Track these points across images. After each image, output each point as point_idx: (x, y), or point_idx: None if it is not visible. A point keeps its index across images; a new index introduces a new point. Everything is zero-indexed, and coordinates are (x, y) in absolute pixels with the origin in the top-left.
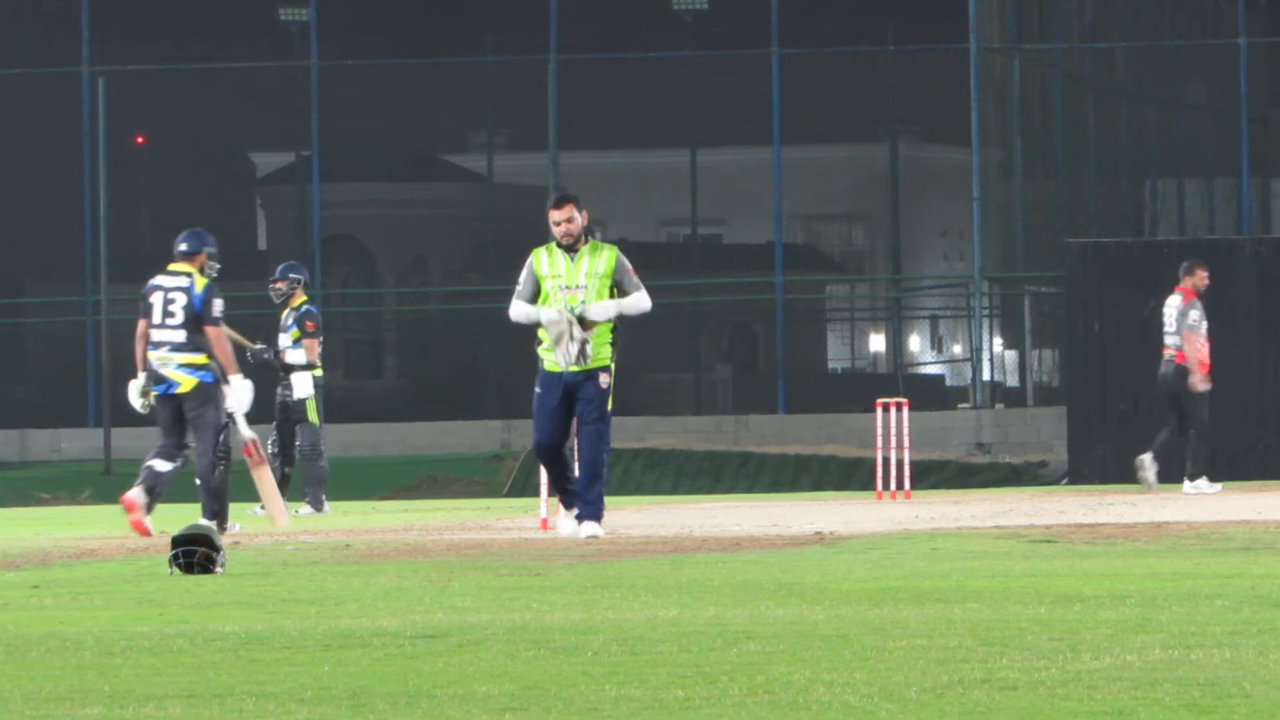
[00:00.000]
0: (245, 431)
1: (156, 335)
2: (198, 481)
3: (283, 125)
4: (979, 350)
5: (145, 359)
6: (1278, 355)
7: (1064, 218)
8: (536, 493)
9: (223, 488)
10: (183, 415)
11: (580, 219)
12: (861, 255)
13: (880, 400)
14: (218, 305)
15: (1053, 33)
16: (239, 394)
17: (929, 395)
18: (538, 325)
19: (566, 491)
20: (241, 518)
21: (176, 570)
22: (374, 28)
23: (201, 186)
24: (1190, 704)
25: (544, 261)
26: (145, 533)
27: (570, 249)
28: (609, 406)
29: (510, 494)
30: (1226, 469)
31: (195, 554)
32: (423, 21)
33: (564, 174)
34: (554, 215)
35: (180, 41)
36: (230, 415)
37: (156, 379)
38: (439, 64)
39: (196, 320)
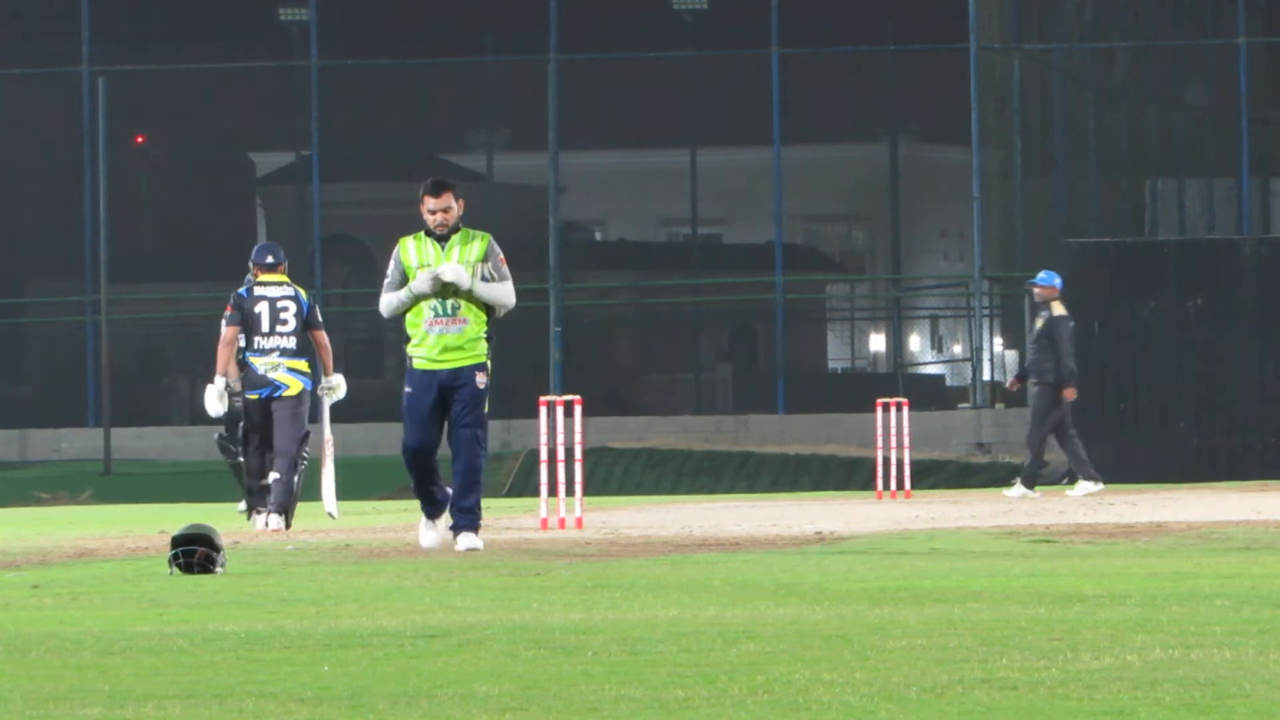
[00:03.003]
0: (328, 431)
1: (265, 342)
2: (275, 476)
3: (283, 125)
4: (979, 350)
5: (228, 365)
6: (1277, 355)
7: (1064, 218)
8: (536, 493)
9: (298, 487)
10: (269, 416)
11: (457, 208)
12: (861, 255)
13: (880, 400)
14: (318, 310)
15: (1053, 33)
16: (341, 390)
17: (929, 395)
18: (408, 309)
19: (433, 501)
20: (235, 516)
21: (176, 570)
22: (374, 28)
23: (201, 186)
24: (1190, 704)
25: (412, 251)
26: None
27: (442, 238)
28: (485, 409)
29: (510, 494)
30: (1226, 469)
31: (195, 554)
32: (423, 21)
33: (564, 174)
34: (430, 203)
35: (180, 41)
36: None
37: (261, 383)
38: (439, 64)
39: (304, 326)
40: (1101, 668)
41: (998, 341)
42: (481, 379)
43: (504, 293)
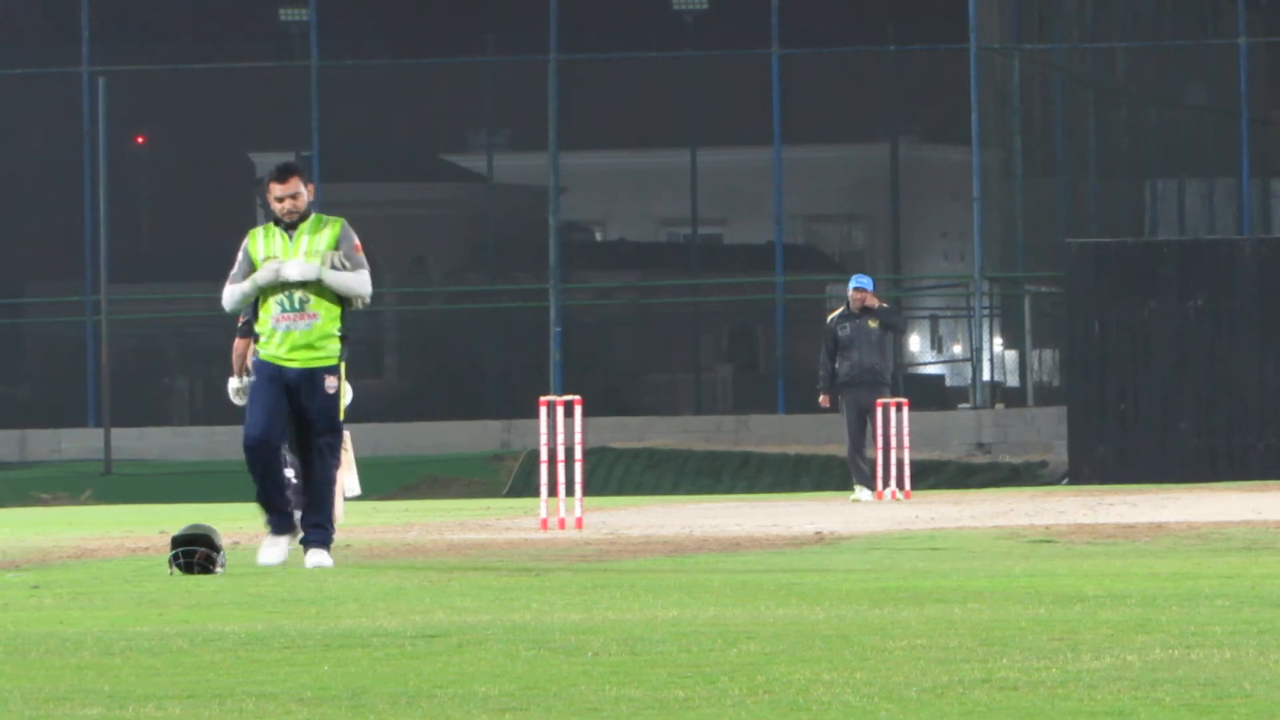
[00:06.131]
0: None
1: None
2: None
3: (283, 125)
4: (979, 350)
5: (243, 366)
6: (1278, 355)
7: (1064, 218)
8: (536, 493)
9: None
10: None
11: (306, 193)
12: (861, 255)
13: (880, 400)
14: None
15: (1053, 33)
16: (348, 392)
17: (929, 395)
18: (250, 302)
19: (279, 512)
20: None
21: (176, 570)
22: (374, 28)
23: (201, 186)
24: (1190, 704)
25: (260, 243)
26: None
27: (290, 227)
28: (341, 416)
29: (510, 494)
30: (1227, 469)
31: (195, 554)
32: (423, 21)
33: (564, 174)
34: (276, 189)
35: (180, 41)
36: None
37: None
38: (439, 64)
39: None
40: (1102, 668)
41: (998, 342)
42: (332, 383)
43: (358, 282)
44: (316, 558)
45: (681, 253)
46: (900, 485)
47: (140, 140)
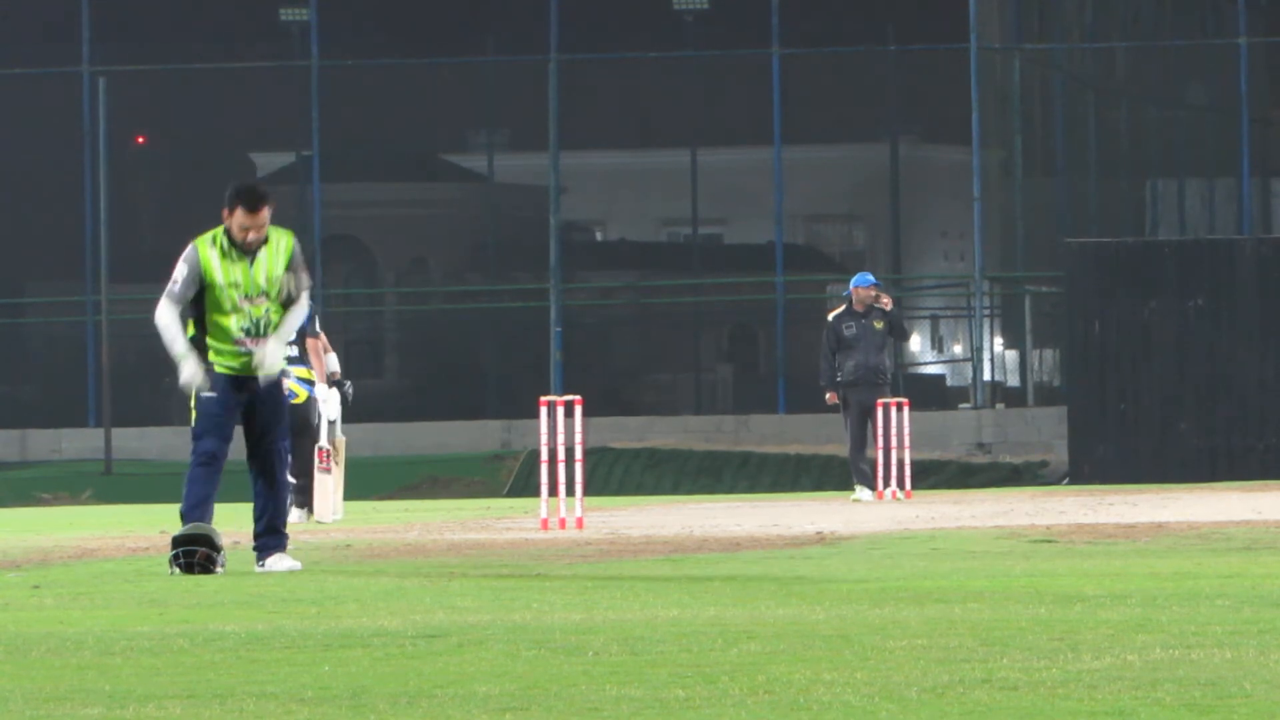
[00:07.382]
0: (324, 439)
1: None
2: (293, 480)
3: (283, 125)
4: (979, 350)
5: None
6: (1278, 355)
7: (1064, 218)
8: (537, 493)
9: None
10: None
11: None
12: (862, 255)
13: (880, 400)
14: (317, 320)
15: (1053, 33)
16: (333, 402)
17: (929, 395)
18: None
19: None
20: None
21: (177, 570)
22: (374, 28)
23: (201, 186)
24: (1191, 704)
25: (215, 263)
26: None
27: (249, 252)
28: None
29: (510, 494)
30: (1227, 469)
31: (195, 554)
32: (423, 21)
33: (564, 174)
34: (244, 219)
35: (180, 41)
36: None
37: None
38: (439, 64)
39: (303, 335)
40: (1102, 668)
41: (998, 342)
42: (286, 383)
43: (301, 314)
44: (284, 563)
45: (681, 253)
46: (901, 485)
47: (140, 140)
